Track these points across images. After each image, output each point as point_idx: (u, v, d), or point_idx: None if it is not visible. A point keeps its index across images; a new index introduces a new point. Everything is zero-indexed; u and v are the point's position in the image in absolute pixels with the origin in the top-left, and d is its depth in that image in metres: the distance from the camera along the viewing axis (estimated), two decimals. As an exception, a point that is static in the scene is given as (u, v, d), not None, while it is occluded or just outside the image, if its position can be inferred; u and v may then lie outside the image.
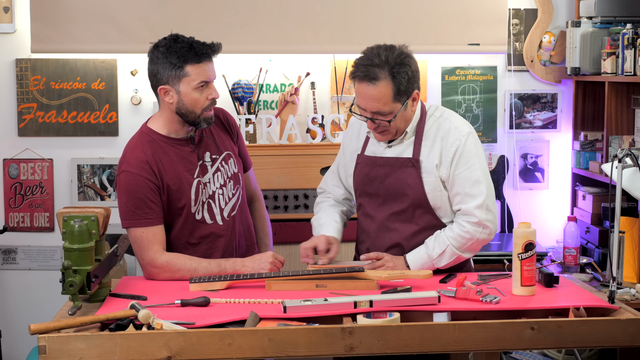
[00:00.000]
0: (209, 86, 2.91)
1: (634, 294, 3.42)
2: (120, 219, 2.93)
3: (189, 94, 2.88)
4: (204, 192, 2.98)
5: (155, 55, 2.89)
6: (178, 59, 2.85)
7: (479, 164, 2.90)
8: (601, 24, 4.19)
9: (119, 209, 2.93)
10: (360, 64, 2.81)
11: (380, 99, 2.79)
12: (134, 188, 2.87)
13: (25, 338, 4.36)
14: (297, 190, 4.20)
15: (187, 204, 2.95)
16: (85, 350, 2.22)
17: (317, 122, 4.27)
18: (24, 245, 4.41)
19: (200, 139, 3.01)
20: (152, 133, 2.97)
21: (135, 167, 2.89)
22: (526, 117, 4.54)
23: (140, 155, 2.90)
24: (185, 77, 2.86)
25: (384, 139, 2.94)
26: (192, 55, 2.85)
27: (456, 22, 4.33)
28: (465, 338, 2.32)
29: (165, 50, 2.87)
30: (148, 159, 2.90)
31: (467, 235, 2.87)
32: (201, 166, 2.99)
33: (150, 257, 2.88)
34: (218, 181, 3.02)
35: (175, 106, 2.90)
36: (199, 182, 2.97)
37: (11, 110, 4.35)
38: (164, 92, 2.89)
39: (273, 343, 2.27)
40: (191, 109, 2.89)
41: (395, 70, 2.78)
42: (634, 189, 2.99)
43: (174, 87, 2.88)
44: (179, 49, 2.85)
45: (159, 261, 2.87)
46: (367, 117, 2.85)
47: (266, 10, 4.26)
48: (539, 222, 4.49)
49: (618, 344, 2.40)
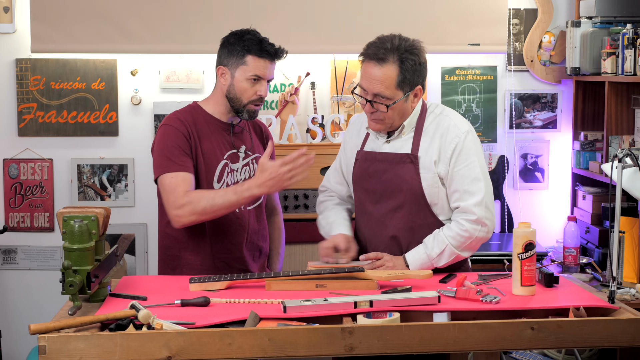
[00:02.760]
0: (261, 82, 3.06)
1: (634, 294, 3.42)
2: (153, 172, 3.02)
3: (240, 82, 3.04)
4: (230, 176, 3.08)
5: (227, 39, 3.10)
6: (243, 48, 3.03)
7: (478, 161, 2.91)
8: (601, 24, 4.19)
9: (154, 162, 3.04)
10: (373, 44, 2.89)
11: (384, 81, 2.83)
12: (171, 138, 3.02)
13: (25, 338, 4.36)
14: (297, 190, 4.20)
15: (210, 177, 3.04)
16: (85, 350, 2.22)
17: (317, 122, 4.27)
18: (24, 245, 4.41)
19: (241, 131, 3.17)
20: (198, 108, 3.14)
21: (175, 122, 3.05)
22: (526, 117, 4.54)
23: (181, 117, 3.08)
24: (243, 65, 3.04)
25: (377, 127, 2.94)
26: (256, 49, 3.03)
27: (456, 22, 4.33)
28: (465, 338, 2.33)
29: (237, 37, 3.07)
30: (187, 122, 3.05)
31: (465, 234, 2.87)
32: (233, 154, 3.11)
33: (174, 198, 2.94)
34: (244, 174, 3.13)
35: (227, 89, 3.07)
36: (227, 164, 3.08)
37: (11, 110, 4.35)
38: (221, 73, 3.09)
39: (273, 343, 2.27)
40: (239, 95, 3.06)
41: (405, 56, 2.83)
42: (634, 189, 2.99)
43: (230, 71, 3.06)
44: (247, 40, 3.04)
45: (180, 200, 2.92)
46: (366, 100, 2.87)
47: (266, 10, 4.26)
48: (539, 222, 4.49)
49: (618, 344, 2.40)
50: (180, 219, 2.94)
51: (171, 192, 2.95)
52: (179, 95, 4.36)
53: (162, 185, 2.99)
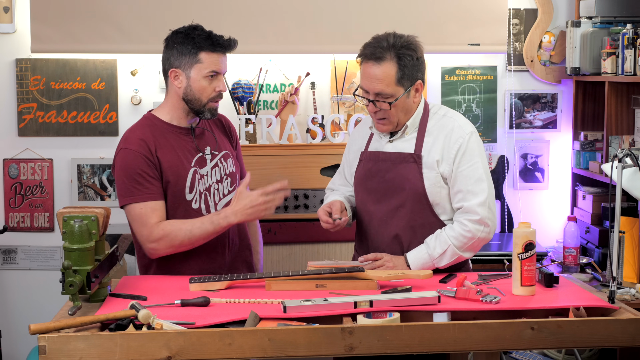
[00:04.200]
0: (218, 78, 2.98)
1: (634, 294, 3.42)
2: (118, 199, 2.93)
3: (198, 81, 2.94)
4: (200, 183, 3.00)
5: (172, 39, 2.98)
6: (194, 46, 2.92)
7: (481, 162, 2.92)
8: (601, 24, 4.19)
9: (117, 188, 2.94)
10: (369, 45, 2.90)
11: (383, 79, 2.84)
12: (132, 163, 2.89)
13: (25, 338, 4.36)
14: (297, 190, 4.20)
15: (182, 189, 2.96)
16: (85, 350, 2.22)
17: (317, 122, 4.27)
18: (24, 245, 4.41)
19: (202, 132, 3.06)
20: (154, 119, 3.02)
21: (133, 144, 2.92)
22: (526, 117, 4.54)
23: (139, 135, 2.95)
24: (198, 63, 2.93)
25: (384, 129, 2.95)
26: (208, 44, 2.93)
27: (456, 22, 4.33)
28: (465, 338, 2.33)
29: (183, 36, 2.95)
30: (146, 139, 2.93)
31: (468, 235, 2.88)
32: (200, 158, 3.02)
33: (148, 231, 2.87)
34: (215, 176, 3.04)
35: (183, 91, 2.96)
36: (196, 171, 2.99)
37: (11, 110, 4.35)
38: (174, 76, 2.96)
39: (273, 343, 2.27)
40: (198, 96, 2.96)
41: (402, 52, 2.85)
42: (634, 189, 2.99)
43: (184, 72, 2.95)
44: (196, 36, 2.94)
45: (155, 233, 2.86)
46: (368, 100, 2.88)
47: (266, 10, 4.26)
48: (539, 222, 4.50)
49: (618, 344, 2.40)
50: (157, 252, 2.90)
51: (143, 225, 2.87)
52: (179, 95, 4.36)
53: (131, 216, 2.91)
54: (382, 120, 2.93)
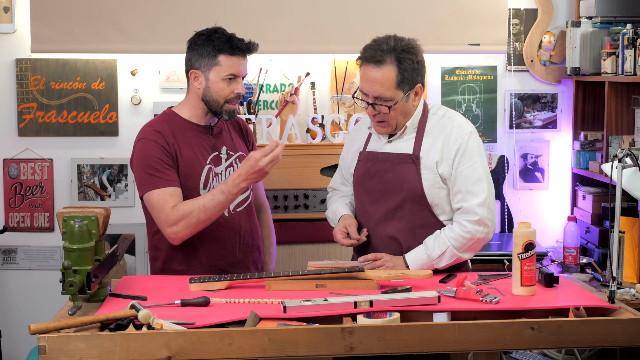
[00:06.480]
0: (236, 80, 3.02)
1: (634, 294, 3.42)
2: (137, 190, 2.98)
3: (216, 83, 2.99)
4: (215, 180, 3.04)
5: (194, 41, 3.03)
6: (213, 48, 2.97)
7: (481, 162, 2.92)
8: (601, 24, 4.19)
9: (136, 180, 3.00)
10: (369, 47, 2.89)
11: (383, 82, 2.83)
12: (149, 153, 2.95)
13: (25, 338, 4.36)
14: (297, 190, 4.20)
15: (196, 185, 3.00)
16: (85, 350, 2.22)
17: (317, 122, 4.27)
18: (24, 245, 4.41)
19: (220, 132, 3.11)
20: (173, 115, 3.08)
21: (151, 135, 2.99)
22: (526, 117, 4.54)
23: (157, 127, 3.02)
24: (217, 66, 2.98)
25: (383, 131, 2.95)
26: (227, 47, 2.98)
27: (456, 22, 4.33)
28: (465, 338, 2.33)
29: (204, 38, 3.00)
30: (164, 132, 2.99)
31: (467, 235, 2.87)
32: (215, 157, 3.07)
33: (165, 216, 2.90)
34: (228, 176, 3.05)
35: (202, 92, 3.02)
36: (210, 169, 3.04)
37: (11, 110, 4.35)
38: (194, 77, 3.02)
39: (273, 343, 2.27)
40: (215, 97, 3.00)
41: (402, 56, 2.84)
42: (634, 189, 2.99)
43: (204, 74, 3.00)
44: (216, 39, 2.98)
45: (172, 216, 2.89)
46: (368, 103, 2.88)
47: (266, 10, 4.26)
48: (539, 222, 4.50)
49: (618, 344, 2.40)
50: (178, 235, 2.91)
51: (161, 211, 2.90)
52: (179, 95, 4.35)
53: (150, 203, 2.93)
54: (381, 123, 2.93)
